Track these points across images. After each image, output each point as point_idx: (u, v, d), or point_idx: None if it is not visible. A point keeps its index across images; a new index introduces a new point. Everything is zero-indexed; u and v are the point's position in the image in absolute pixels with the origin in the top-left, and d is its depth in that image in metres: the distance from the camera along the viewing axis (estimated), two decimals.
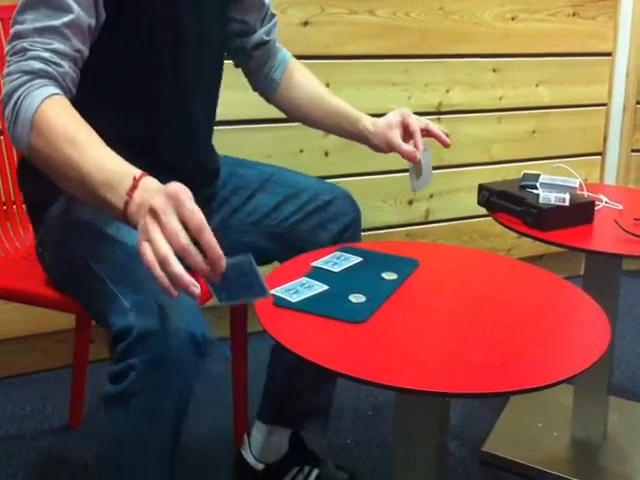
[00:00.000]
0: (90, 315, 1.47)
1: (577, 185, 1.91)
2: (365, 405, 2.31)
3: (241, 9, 1.74)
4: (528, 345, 1.29)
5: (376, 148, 1.76)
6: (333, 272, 1.50)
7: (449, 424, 1.50)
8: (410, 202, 2.82)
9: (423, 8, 2.71)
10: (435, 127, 1.73)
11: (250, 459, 1.87)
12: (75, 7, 1.36)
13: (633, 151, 3.26)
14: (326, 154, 2.57)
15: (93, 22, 1.39)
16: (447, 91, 2.83)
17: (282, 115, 1.88)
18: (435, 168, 2.84)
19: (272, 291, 1.40)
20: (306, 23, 2.51)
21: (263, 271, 1.50)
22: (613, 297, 2.02)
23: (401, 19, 2.68)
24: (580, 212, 1.90)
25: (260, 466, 1.86)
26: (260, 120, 2.39)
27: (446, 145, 1.72)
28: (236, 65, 1.84)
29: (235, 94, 1.81)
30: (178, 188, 1.11)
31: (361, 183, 2.67)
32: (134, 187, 1.16)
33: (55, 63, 1.34)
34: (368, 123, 1.76)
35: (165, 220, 1.09)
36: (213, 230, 1.17)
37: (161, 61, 1.51)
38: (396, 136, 1.71)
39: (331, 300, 1.39)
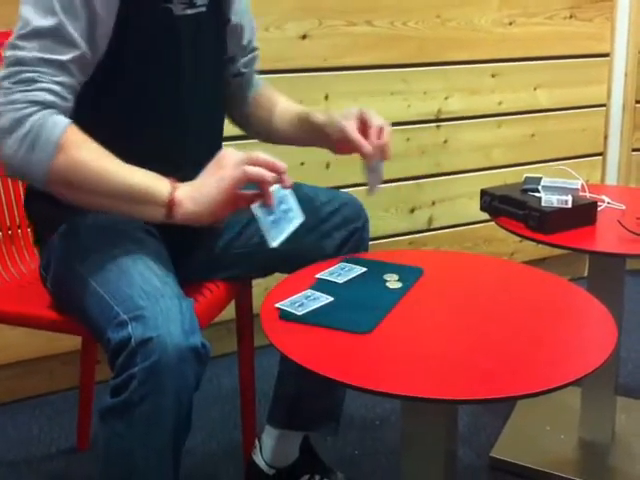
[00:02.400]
0: (93, 335, 1.48)
1: (579, 187, 1.92)
2: (372, 415, 2.31)
3: (228, 38, 1.72)
4: (534, 349, 1.30)
5: (329, 141, 1.67)
6: (338, 283, 1.51)
7: (457, 431, 1.50)
8: (412, 210, 2.83)
9: (420, 17, 2.72)
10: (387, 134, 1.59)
11: (261, 463, 1.87)
12: (81, 43, 1.39)
13: (634, 150, 3.26)
14: (327, 166, 2.59)
15: (94, 57, 1.43)
16: (446, 98, 2.84)
17: None
18: (436, 175, 2.89)
19: (277, 304, 1.41)
20: (304, 36, 2.52)
21: (268, 283, 1.51)
22: (618, 297, 2.02)
23: (398, 29, 2.69)
24: (582, 213, 1.90)
25: (271, 471, 1.87)
26: None
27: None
28: None
29: None
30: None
31: (362, 193, 2.67)
32: (173, 182, 1.36)
33: (63, 97, 1.38)
34: (319, 114, 1.68)
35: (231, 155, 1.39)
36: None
37: (157, 90, 1.53)
38: (351, 125, 1.59)
39: (336, 311, 1.40)
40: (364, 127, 1.59)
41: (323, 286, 1.49)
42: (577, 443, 2.14)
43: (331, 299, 1.44)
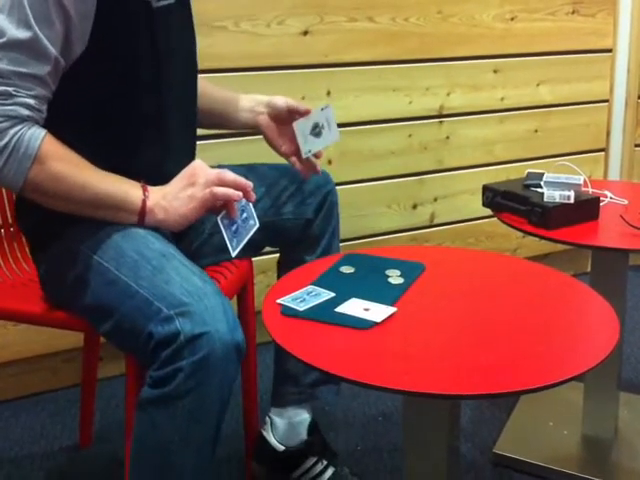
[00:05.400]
0: (110, 336, 1.47)
1: (581, 182, 1.92)
2: (375, 411, 2.31)
3: None
4: (537, 344, 1.30)
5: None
6: (340, 279, 1.51)
7: (460, 427, 1.50)
8: (414, 206, 2.83)
9: (422, 13, 2.72)
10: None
11: (272, 439, 1.90)
12: (54, 53, 1.40)
13: (636, 146, 3.26)
14: (329, 162, 2.58)
15: (68, 62, 1.44)
16: (448, 94, 2.83)
17: None
18: (438, 171, 2.89)
19: (279, 300, 1.41)
20: (306, 32, 2.52)
21: (270, 280, 1.51)
22: (621, 293, 2.02)
23: (400, 25, 2.68)
24: (585, 209, 1.90)
25: (281, 447, 1.89)
26: None
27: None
28: None
29: None
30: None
31: (365, 189, 2.68)
32: (145, 190, 1.46)
33: (39, 110, 1.41)
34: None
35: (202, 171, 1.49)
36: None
37: (139, 80, 1.53)
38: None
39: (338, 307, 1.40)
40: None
41: (325, 282, 1.49)
42: (580, 439, 2.13)
43: (333, 295, 1.44)
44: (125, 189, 1.46)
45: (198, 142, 1.74)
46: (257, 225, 1.55)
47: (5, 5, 1.37)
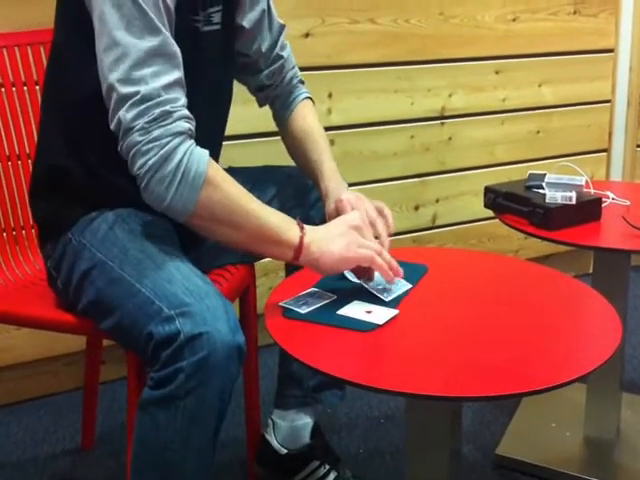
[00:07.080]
0: (112, 334, 1.47)
1: (583, 183, 1.91)
2: (377, 413, 2.31)
3: (242, 42, 1.73)
4: (539, 345, 1.29)
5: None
6: (342, 281, 1.51)
7: (461, 429, 1.50)
8: (416, 208, 2.83)
9: (423, 14, 2.72)
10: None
11: (274, 442, 1.89)
12: (177, 48, 1.38)
13: (639, 146, 3.25)
14: None
15: None
16: (450, 95, 2.83)
17: None
18: (440, 172, 2.89)
19: (281, 303, 1.41)
20: (307, 35, 2.52)
21: (272, 283, 1.51)
22: (623, 294, 2.02)
23: (402, 26, 2.69)
24: (587, 210, 1.90)
25: (283, 450, 1.88)
26: (267, 133, 2.40)
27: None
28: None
29: (240, 108, 1.82)
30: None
31: (367, 191, 2.64)
32: (301, 227, 1.42)
33: (192, 119, 1.39)
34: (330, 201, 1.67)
35: (368, 232, 1.48)
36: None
37: None
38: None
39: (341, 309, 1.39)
40: None
41: (327, 284, 1.49)
42: (582, 440, 2.13)
43: (335, 297, 1.43)
44: (285, 223, 1.42)
45: None
46: (409, 286, 1.50)
47: (119, 22, 1.33)
